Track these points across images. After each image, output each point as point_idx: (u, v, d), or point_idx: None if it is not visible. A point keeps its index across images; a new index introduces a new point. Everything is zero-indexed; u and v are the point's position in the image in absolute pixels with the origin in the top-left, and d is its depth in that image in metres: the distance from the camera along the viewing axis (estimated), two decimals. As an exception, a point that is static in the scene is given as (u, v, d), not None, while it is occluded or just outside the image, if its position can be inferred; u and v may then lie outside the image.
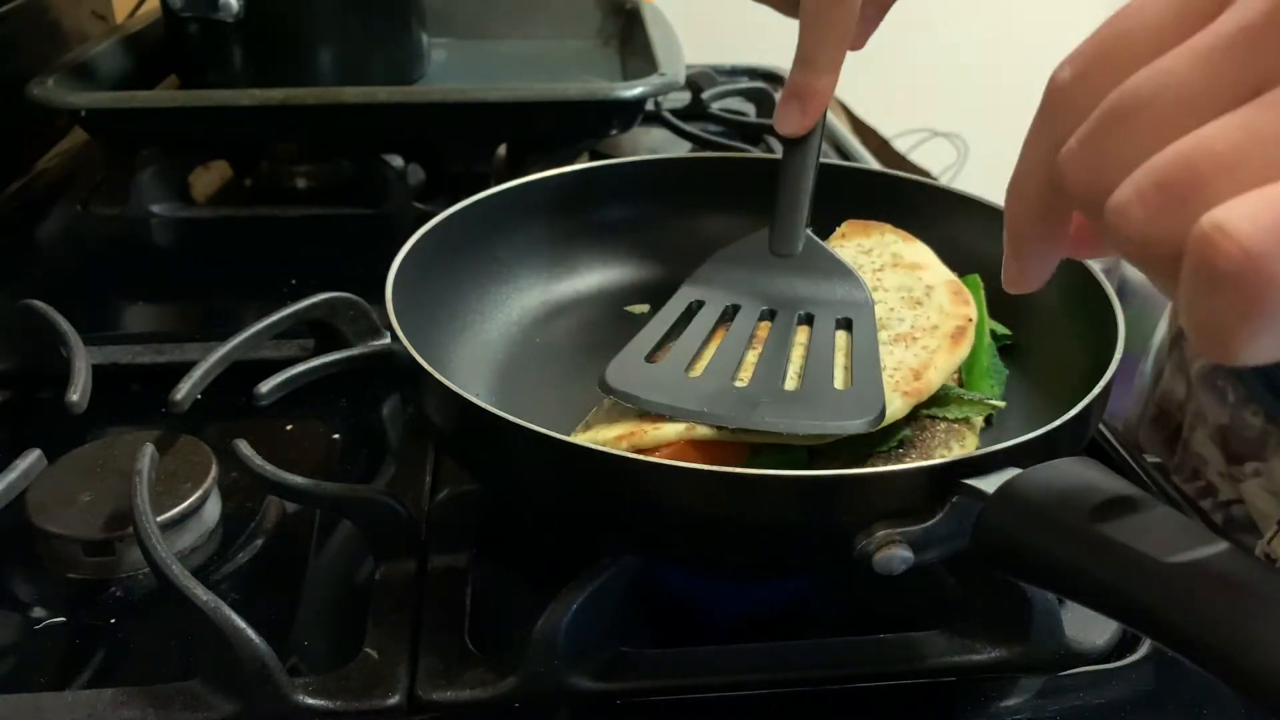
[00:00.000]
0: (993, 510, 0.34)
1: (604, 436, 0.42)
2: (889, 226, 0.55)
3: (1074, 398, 0.40)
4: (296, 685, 0.39)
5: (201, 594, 0.39)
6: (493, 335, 0.55)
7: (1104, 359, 0.43)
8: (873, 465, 0.43)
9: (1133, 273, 2.16)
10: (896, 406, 0.43)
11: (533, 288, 0.59)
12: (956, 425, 0.45)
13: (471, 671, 0.41)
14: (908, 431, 0.44)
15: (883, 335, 0.47)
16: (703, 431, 0.42)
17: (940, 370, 0.45)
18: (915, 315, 0.49)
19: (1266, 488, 0.65)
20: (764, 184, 0.52)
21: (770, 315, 0.49)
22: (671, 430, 0.42)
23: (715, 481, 0.36)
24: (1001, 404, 0.48)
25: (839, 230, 0.56)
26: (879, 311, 0.49)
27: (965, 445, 0.45)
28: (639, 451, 0.41)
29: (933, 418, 0.45)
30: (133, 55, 0.91)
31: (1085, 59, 0.25)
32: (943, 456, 0.43)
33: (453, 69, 0.98)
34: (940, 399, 0.46)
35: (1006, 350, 0.53)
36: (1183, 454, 0.71)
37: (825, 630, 0.43)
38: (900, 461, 0.43)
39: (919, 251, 0.54)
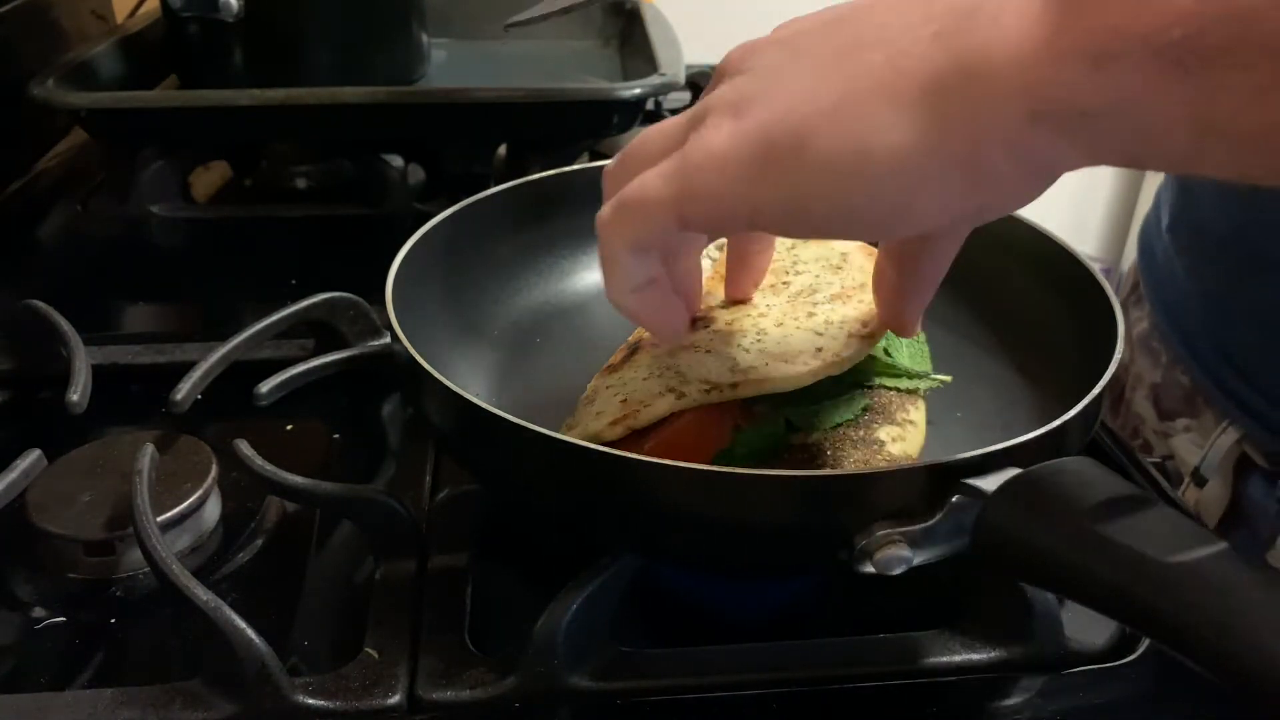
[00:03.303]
0: (993, 510, 0.34)
1: (596, 427, 0.43)
2: None
3: (1074, 397, 0.40)
4: (296, 685, 0.39)
5: (201, 594, 0.39)
6: (493, 335, 0.55)
7: (1104, 359, 0.43)
8: (852, 444, 0.45)
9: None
10: (854, 350, 0.45)
11: (533, 288, 0.59)
12: (907, 394, 0.48)
13: (471, 671, 0.41)
14: (868, 401, 0.47)
15: (818, 298, 0.49)
16: (692, 398, 0.42)
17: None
18: (841, 278, 0.51)
19: (1196, 442, 0.67)
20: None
21: None
22: (663, 404, 0.42)
23: (715, 481, 0.36)
24: (947, 378, 0.50)
25: None
26: (807, 280, 0.51)
27: (918, 409, 0.48)
28: (635, 431, 0.42)
29: (885, 388, 0.48)
30: (133, 55, 0.91)
31: (620, 155, 0.40)
32: (903, 419, 0.47)
33: (453, 69, 0.98)
34: (889, 372, 0.48)
35: (1006, 350, 0.53)
36: (1124, 414, 0.74)
37: (825, 630, 0.43)
38: (869, 428, 0.45)
39: None
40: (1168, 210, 0.70)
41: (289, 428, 0.57)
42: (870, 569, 0.36)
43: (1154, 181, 2.21)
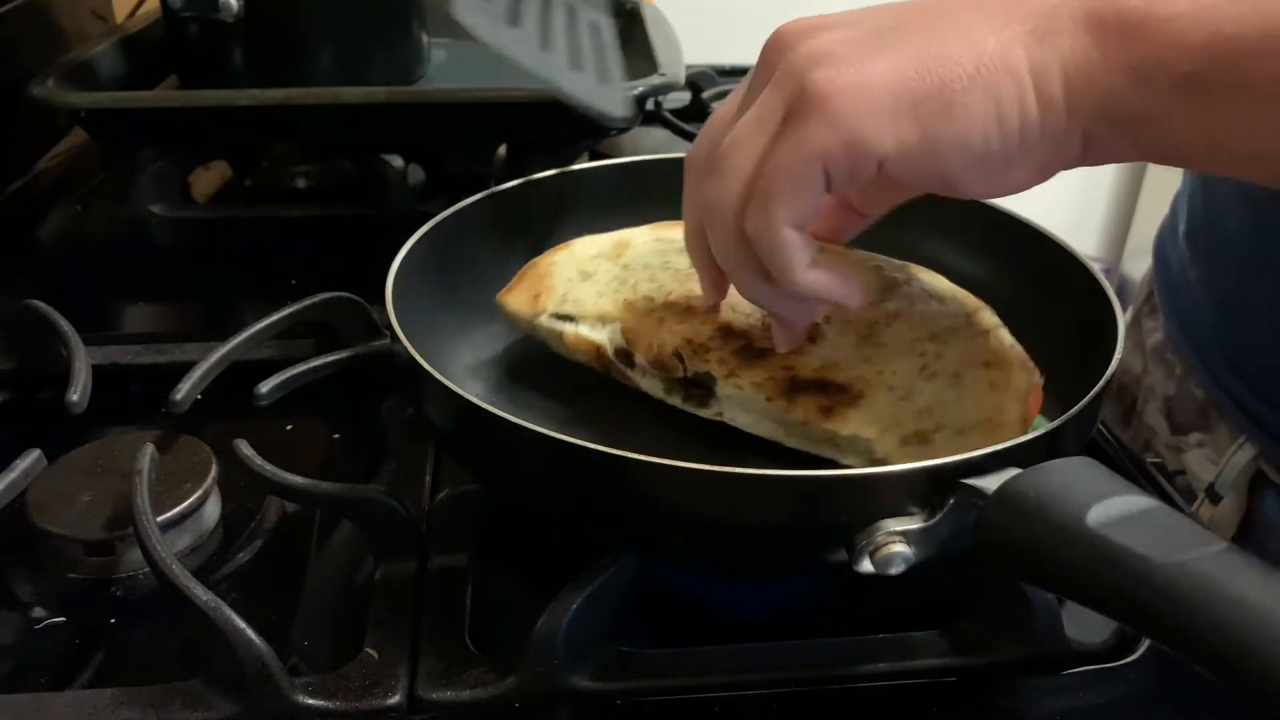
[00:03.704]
0: (993, 510, 0.34)
1: (1010, 415, 0.43)
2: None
3: (1074, 397, 0.40)
4: (296, 685, 0.39)
5: (201, 594, 0.39)
6: (493, 335, 0.55)
7: (1104, 359, 0.43)
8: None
9: (1132, 273, 2.16)
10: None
11: (533, 288, 0.58)
12: None
13: (471, 671, 0.41)
14: None
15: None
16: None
17: None
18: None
19: (1209, 457, 0.66)
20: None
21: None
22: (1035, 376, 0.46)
23: (715, 481, 0.36)
24: None
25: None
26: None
27: None
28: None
29: None
30: (133, 55, 0.91)
31: (711, 166, 0.39)
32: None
33: (453, 69, 0.98)
34: None
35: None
36: (1136, 427, 0.74)
37: (825, 630, 0.43)
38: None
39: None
40: (1185, 216, 0.69)
41: (289, 428, 0.57)
42: (870, 569, 0.36)
43: (1154, 183, 2.21)
